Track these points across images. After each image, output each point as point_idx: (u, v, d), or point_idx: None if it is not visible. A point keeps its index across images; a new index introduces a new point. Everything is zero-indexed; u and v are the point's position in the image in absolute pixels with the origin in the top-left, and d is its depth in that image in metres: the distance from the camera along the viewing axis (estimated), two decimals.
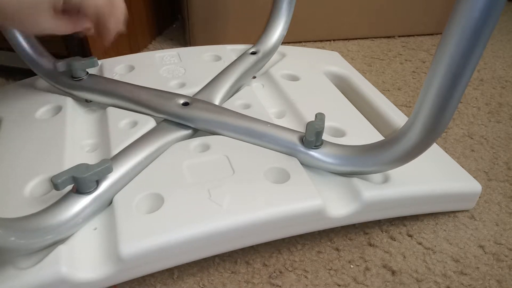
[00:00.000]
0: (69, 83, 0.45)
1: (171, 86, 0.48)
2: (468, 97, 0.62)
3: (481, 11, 0.24)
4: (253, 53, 0.52)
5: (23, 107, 0.44)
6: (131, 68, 0.52)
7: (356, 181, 0.36)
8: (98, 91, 0.45)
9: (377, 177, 0.38)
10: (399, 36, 0.80)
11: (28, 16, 0.33)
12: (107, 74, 0.50)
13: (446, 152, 0.45)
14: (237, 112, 0.41)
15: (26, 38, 0.45)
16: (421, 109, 0.30)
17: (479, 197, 0.42)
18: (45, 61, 0.46)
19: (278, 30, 0.55)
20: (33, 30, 0.35)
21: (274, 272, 0.36)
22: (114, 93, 0.44)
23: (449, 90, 0.28)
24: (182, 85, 0.49)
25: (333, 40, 0.79)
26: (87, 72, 0.45)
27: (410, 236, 0.39)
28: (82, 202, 0.32)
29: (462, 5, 0.25)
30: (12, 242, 0.27)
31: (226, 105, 0.45)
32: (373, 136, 0.43)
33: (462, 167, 0.43)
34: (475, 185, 0.41)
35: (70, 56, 0.46)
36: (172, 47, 0.74)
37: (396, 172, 0.38)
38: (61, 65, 0.44)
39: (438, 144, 0.46)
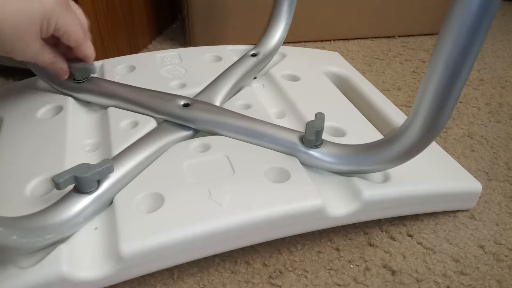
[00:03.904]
0: (70, 86, 0.45)
1: (172, 86, 0.48)
2: (468, 97, 0.62)
3: (478, 7, 0.24)
4: (254, 55, 0.52)
5: (24, 107, 0.44)
6: (132, 68, 0.52)
7: (356, 180, 0.37)
8: (100, 93, 0.45)
9: (377, 176, 0.38)
10: (399, 36, 0.80)
11: (17, 41, 0.34)
12: (108, 74, 0.50)
13: (446, 152, 0.45)
14: (237, 113, 0.41)
15: None
16: (420, 107, 0.30)
17: (479, 197, 0.42)
18: None
19: (278, 32, 0.55)
20: (19, 56, 0.35)
21: (274, 272, 0.36)
22: (115, 95, 0.44)
23: (447, 88, 0.28)
24: (183, 85, 0.49)
25: (333, 40, 0.79)
26: (89, 74, 0.45)
27: (410, 236, 0.39)
28: (83, 202, 0.32)
29: (459, 2, 0.25)
30: (14, 241, 0.27)
31: (226, 105, 0.45)
32: (374, 136, 0.43)
33: (462, 167, 0.43)
34: (476, 185, 0.41)
35: None
36: (172, 47, 0.75)
37: (396, 172, 0.38)
38: None
39: (438, 144, 0.46)
